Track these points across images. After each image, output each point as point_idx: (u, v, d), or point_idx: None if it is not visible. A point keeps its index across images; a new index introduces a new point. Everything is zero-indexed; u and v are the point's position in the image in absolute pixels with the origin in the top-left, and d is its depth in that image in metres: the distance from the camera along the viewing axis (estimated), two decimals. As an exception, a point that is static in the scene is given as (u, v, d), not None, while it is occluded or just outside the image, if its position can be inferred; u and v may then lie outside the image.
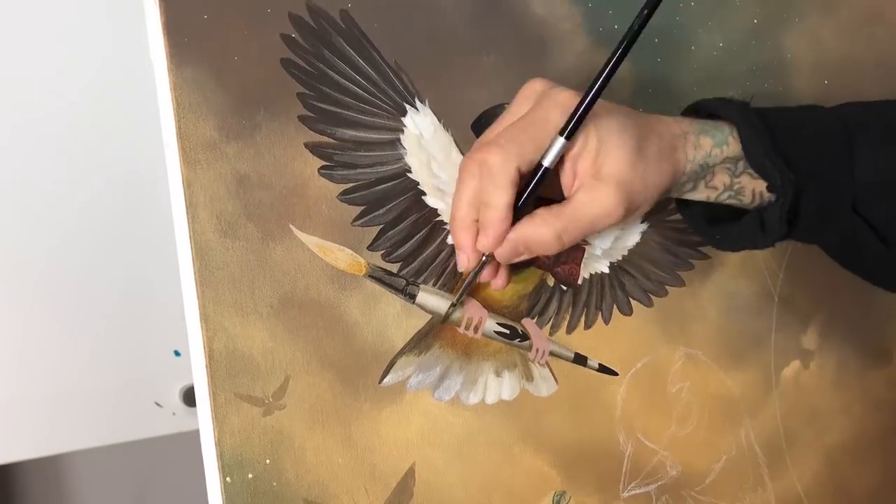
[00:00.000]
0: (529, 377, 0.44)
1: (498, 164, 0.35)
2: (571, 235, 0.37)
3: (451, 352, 0.42)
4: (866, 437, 0.51)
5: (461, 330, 0.42)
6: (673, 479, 0.46)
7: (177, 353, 0.54)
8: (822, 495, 0.50)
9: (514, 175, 0.35)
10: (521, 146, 0.36)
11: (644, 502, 0.46)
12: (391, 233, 0.41)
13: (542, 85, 0.37)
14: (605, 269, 0.45)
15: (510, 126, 0.37)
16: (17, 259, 0.50)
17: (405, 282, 0.41)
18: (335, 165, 0.40)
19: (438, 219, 0.42)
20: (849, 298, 0.51)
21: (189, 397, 0.55)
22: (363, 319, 0.41)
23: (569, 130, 0.35)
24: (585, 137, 0.36)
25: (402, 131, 0.42)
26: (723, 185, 0.40)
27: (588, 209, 0.36)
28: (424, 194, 0.42)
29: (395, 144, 0.42)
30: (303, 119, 0.40)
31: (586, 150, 0.36)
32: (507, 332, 0.43)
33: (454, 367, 0.42)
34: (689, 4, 0.47)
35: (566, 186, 0.37)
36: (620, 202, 0.36)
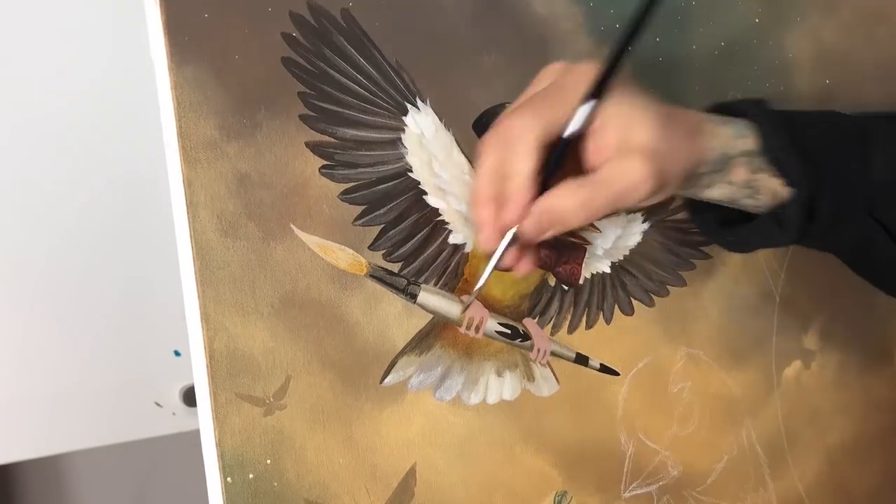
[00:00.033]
0: (531, 377, 0.44)
1: (518, 132, 0.34)
2: (597, 206, 0.34)
3: (453, 352, 0.42)
4: (867, 437, 0.51)
5: (462, 330, 0.42)
6: (674, 479, 0.46)
7: (177, 353, 0.54)
8: (824, 495, 0.50)
9: (536, 142, 0.34)
10: (542, 113, 0.34)
11: (645, 502, 0.46)
12: (392, 232, 0.41)
13: (562, 64, 0.36)
14: (607, 269, 0.45)
15: (531, 96, 0.35)
16: (16, 259, 0.50)
17: (406, 281, 0.41)
18: (336, 165, 0.40)
19: (439, 218, 0.42)
20: (850, 299, 0.50)
21: (189, 397, 0.55)
22: (364, 319, 0.41)
23: (596, 89, 0.33)
24: (612, 109, 0.34)
25: (404, 130, 0.42)
26: (741, 181, 0.38)
27: (617, 180, 0.34)
28: (425, 194, 0.42)
29: (396, 144, 0.41)
30: (304, 118, 0.40)
31: (612, 123, 0.34)
32: (509, 332, 0.43)
33: (455, 367, 0.42)
34: (690, 4, 0.47)
35: (592, 162, 0.35)
36: (651, 174, 0.34)
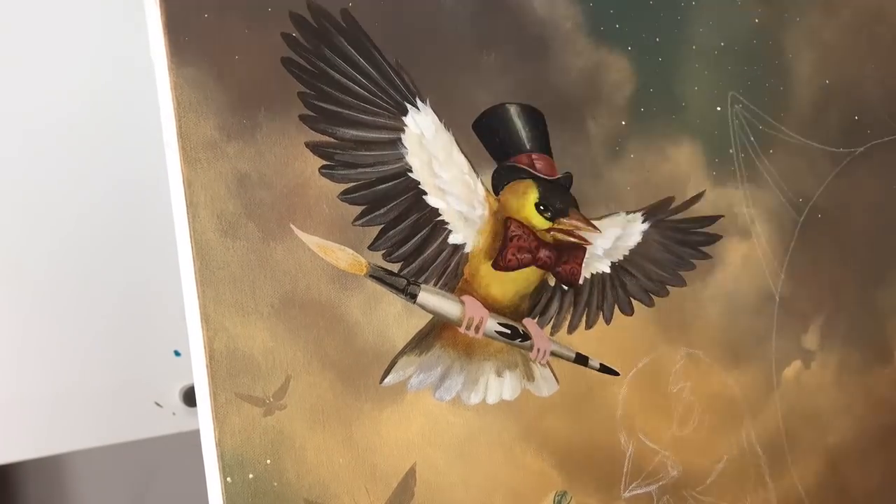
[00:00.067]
0: (530, 377, 0.44)
1: None
2: None
3: (452, 352, 0.42)
4: (868, 437, 0.51)
5: (462, 330, 0.42)
6: (674, 479, 0.46)
7: (177, 353, 0.54)
8: (824, 495, 0.50)
9: None
10: None
11: (645, 502, 0.46)
12: (392, 232, 0.41)
13: None
14: (607, 269, 0.45)
15: None
16: (16, 258, 0.50)
17: (406, 281, 0.41)
18: (336, 165, 0.40)
19: (439, 219, 0.42)
20: (850, 298, 0.50)
21: (189, 397, 0.55)
22: (364, 319, 0.41)
23: None
24: None
25: (404, 131, 0.42)
26: None
27: None
28: (425, 194, 0.42)
29: (396, 144, 0.41)
30: (303, 118, 0.40)
31: None
32: (509, 331, 0.43)
33: (455, 367, 0.42)
34: (689, 4, 0.47)
35: None
36: None
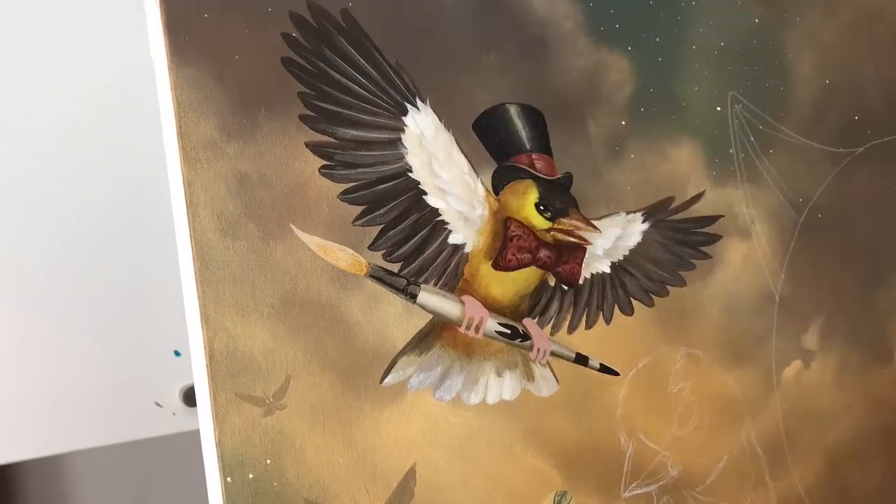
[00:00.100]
0: (530, 377, 0.44)
1: None
2: None
3: (452, 352, 0.42)
4: (867, 437, 0.51)
5: (462, 330, 0.42)
6: (674, 479, 0.46)
7: (177, 353, 0.54)
8: (824, 495, 0.50)
9: None
10: None
11: (645, 502, 0.46)
12: (392, 232, 0.41)
13: None
14: (607, 269, 0.45)
15: None
16: (16, 258, 0.50)
17: (406, 282, 0.41)
18: (336, 165, 0.40)
19: (439, 219, 0.42)
20: (850, 298, 0.50)
21: (189, 397, 0.55)
22: (364, 319, 0.41)
23: None
24: None
25: (404, 131, 0.42)
26: None
27: None
28: (425, 194, 0.42)
29: (396, 144, 0.41)
30: (303, 118, 0.40)
31: None
32: (509, 332, 0.43)
33: (455, 367, 0.42)
34: (689, 4, 0.47)
35: None
36: None
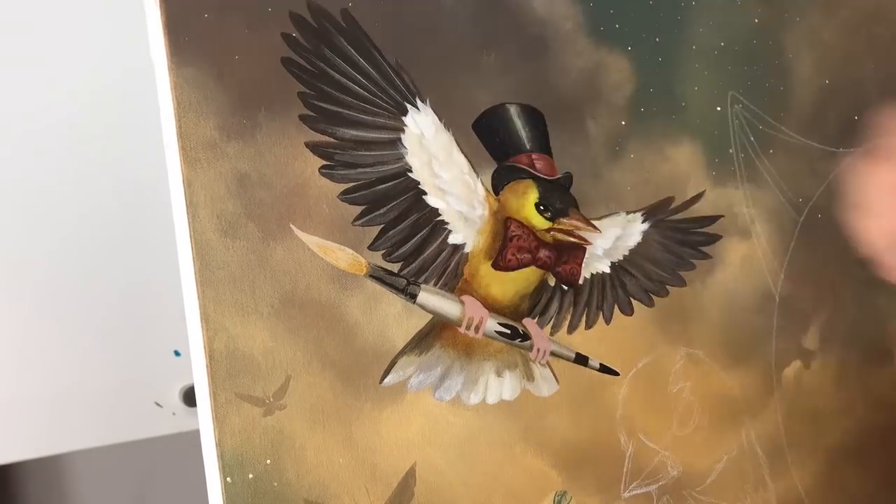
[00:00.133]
0: (530, 377, 0.44)
1: None
2: None
3: (452, 352, 0.42)
4: (868, 437, 0.51)
5: (462, 330, 0.42)
6: (674, 479, 0.46)
7: (177, 353, 0.54)
8: (824, 495, 0.50)
9: None
10: None
11: (645, 502, 0.46)
12: (392, 232, 0.41)
13: None
14: (607, 269, 0.45)
15: None
16: (16, 258, 0.50)
17: (406, 281, 0.41)
18: (336, 165, 0.40)
19: (439, 219, 0.42)
20: (850, 298, 0.50)
21: (189, 397, 0.55)
22: (364, 319, 0.41)
23: None
24: None
25: (403, 131, 0.42)
26: None
27: None
28: (425, 194, 0.42)
29: (396, 144, 0.41)
30: (303, 118, 0.40)
31: None
32: (509, 331, 0.43)
33: (455, 367, 0.42)
34: (689, 4, 0.47)
35: None
36: None
